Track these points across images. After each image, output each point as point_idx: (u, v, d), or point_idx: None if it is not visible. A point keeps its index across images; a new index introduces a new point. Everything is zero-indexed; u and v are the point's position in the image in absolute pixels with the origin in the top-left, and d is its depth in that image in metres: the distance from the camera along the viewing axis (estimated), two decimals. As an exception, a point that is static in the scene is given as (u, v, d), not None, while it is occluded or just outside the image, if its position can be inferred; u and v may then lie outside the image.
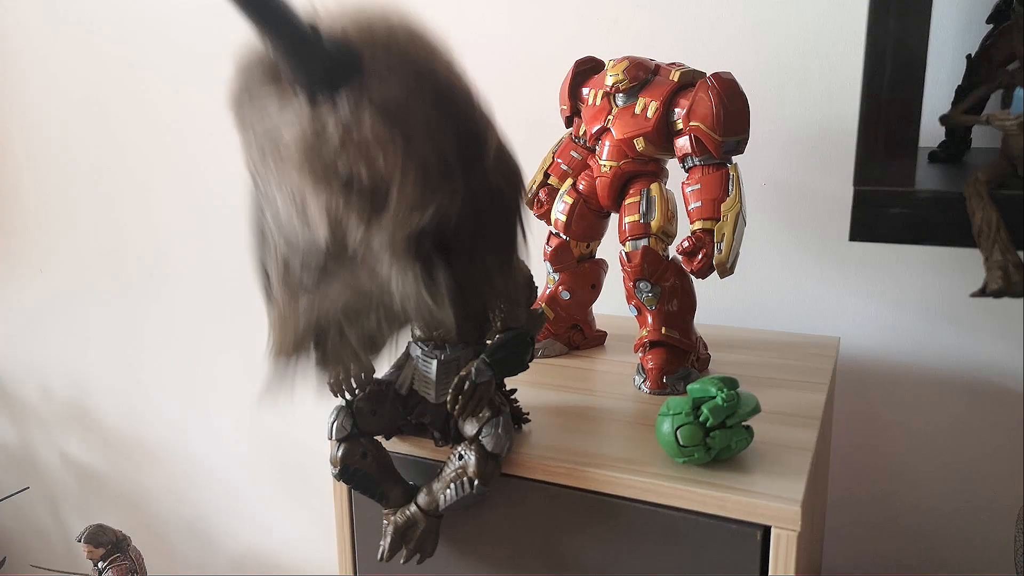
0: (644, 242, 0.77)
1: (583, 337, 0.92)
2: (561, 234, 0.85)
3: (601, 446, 0.68)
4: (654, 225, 0.76)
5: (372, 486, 0.68)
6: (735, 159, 0.75)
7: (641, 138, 0.77)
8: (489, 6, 1.11)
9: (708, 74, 0.74)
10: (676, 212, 0.78)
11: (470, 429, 0.64)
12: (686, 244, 0.73)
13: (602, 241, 0.89)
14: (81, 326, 1.66)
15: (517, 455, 0.67)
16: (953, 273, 0.93)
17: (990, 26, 0.74)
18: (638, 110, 0.77)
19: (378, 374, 0.70)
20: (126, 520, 1.75)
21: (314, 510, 1.50)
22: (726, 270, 0.71)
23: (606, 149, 0.80)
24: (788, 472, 0.62)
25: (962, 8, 0.86)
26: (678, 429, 0.61)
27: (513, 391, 0.73)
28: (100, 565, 1.36)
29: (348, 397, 0.67)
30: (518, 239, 0.62)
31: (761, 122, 0.97)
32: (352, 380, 0.66)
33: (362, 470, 0.67)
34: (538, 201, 0.89)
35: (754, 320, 1.04)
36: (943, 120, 0.67)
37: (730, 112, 0.72)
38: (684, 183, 0.75)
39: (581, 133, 0.86)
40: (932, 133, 0.73)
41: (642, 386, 0.79)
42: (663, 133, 0.77)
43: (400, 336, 0.64)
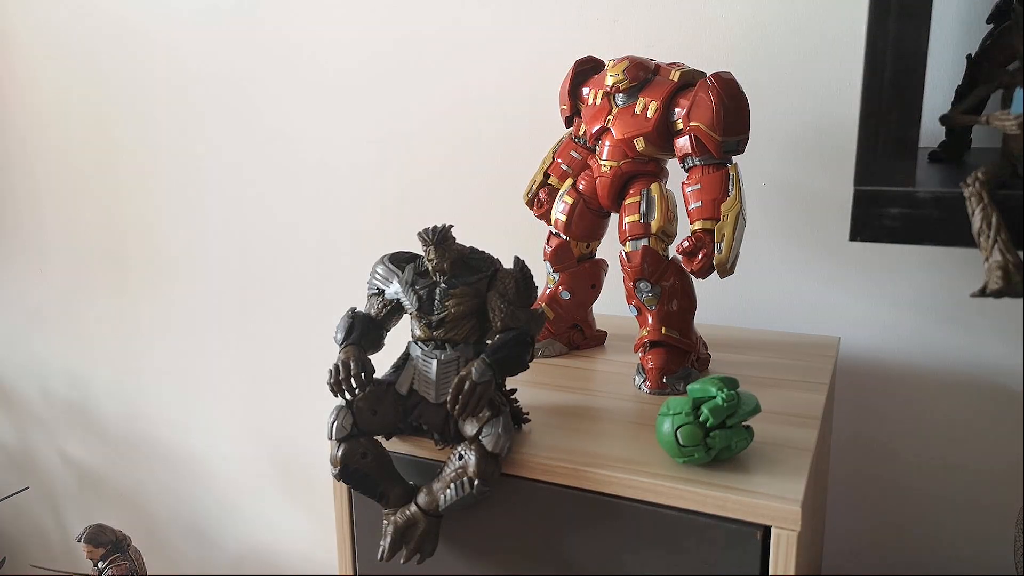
0: (644, 242, 0.77)
1: (583, 337, 0.92)
2: (561, 234, 0.85)
3: (601, 446, 0.68)
4: (654, 225, 0.76)
5: (372, 486, 0.68)
6: (735, 159, 0.75)
7: (641, 138, 0.77)
8: (489, 6, 1.11)
9: (708, 74, 0.74)
10: (676, 212, 0.78)
11: (470, 429, 0.64)
12: (686, 244, 0.73)
13: (602, 241, 0.89)
14: (81, 326, 1.66)
15: (517, 455, 0.67)
16: (953, 273, 0.93)
17: (990, 26, 0.74)
18: (638, 110, 0.77)
19: (378, 374, 0.70)
20: (126, 520, 1.75)
21: (314, 510, 1.50)
22: (726, 270, 0.71)
23: (606, 149, 0.80)
24: (788, 472, 0.62)
25: (962, 8, 0.86)
26: (678, 429, 0.61)
27: (513, 391, 0.73)
28: (100, 565, 1.36)
29: (348, 397, 0.67)
30: None
31: (761, 122, 0.97)
32: (352, 380, 0.66)
33: (362, 470, 0.67)
34: (538, 201, 0.89)
35: (754, 320, 1.04)
36: (943, 120, 0.67)
37: (730, 112, 0.72)
38: (684, 183, 0.75)
39: (581, 133, 0.86)
40: (932, 133, 0.73)
41: (642, 386, 0.79)
42: (663, 133, 0.77)
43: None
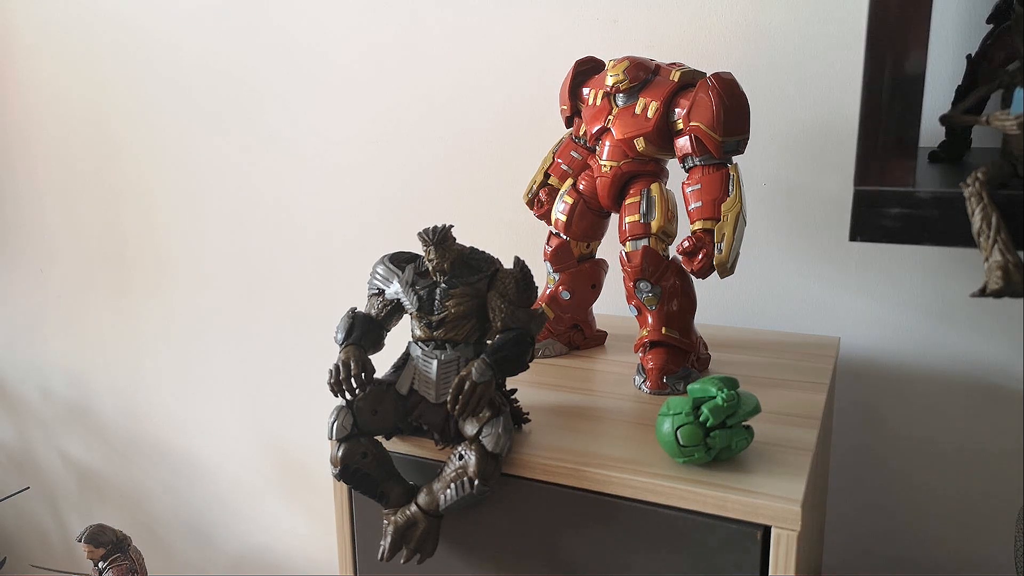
0: (644, 242, 0.77)
1: (583, 337, 0.92)
2: (561, 234, 0.85)
3: (601, 446, 0.68)
4: (654, 225, 0.76)
5: (372, 486, 0.68)
6: (735, 159, 0.75)
7: (641, 138, 0.77)
8: (489, 6, 1.11)
9: (708, 74, 0.74)
10: (676, 212, 0.78)
11: (470, 429, 0.64)
12: (686, 244, 0.73)
13: (602, 241, 0.89)
14: (81, 326, 1.66)
15: (517, 455, 0.67)
16: (953, 273, 0.93)
17: (990, 26, 0.74)
18: (638, 110, 0.77)
19: (378, 374, 0.70)
20: (126, 520, 1.75)
21: (314, 510, 1.50)
22: (726, 270, 0.71)
23: (606, 149, 0.80)
24: (788, 472, 0.62)
25: (962, 8, 0.86)
26: (678, 429, 0.61)
27: (513, 391, 0.73)
28: (100, 565, 1.36)
29: (348, 397, 0.67)
30: None
31: (761, 122, 0.97)
32: (352, 380, 0.66)
33: (362, 470, 0.67)
34: (538, 201, 0.89)
35: (754, 320, 1.04)
36: (943, 120, 0.67)
37: (730, 112, 0.72)
38: (684, 183, 0.75)
39: (581, 133, 0.86)
40: (932, 133, 0.73)
41: (642, 386, 0.79)
42: (663, 133, 0.77)
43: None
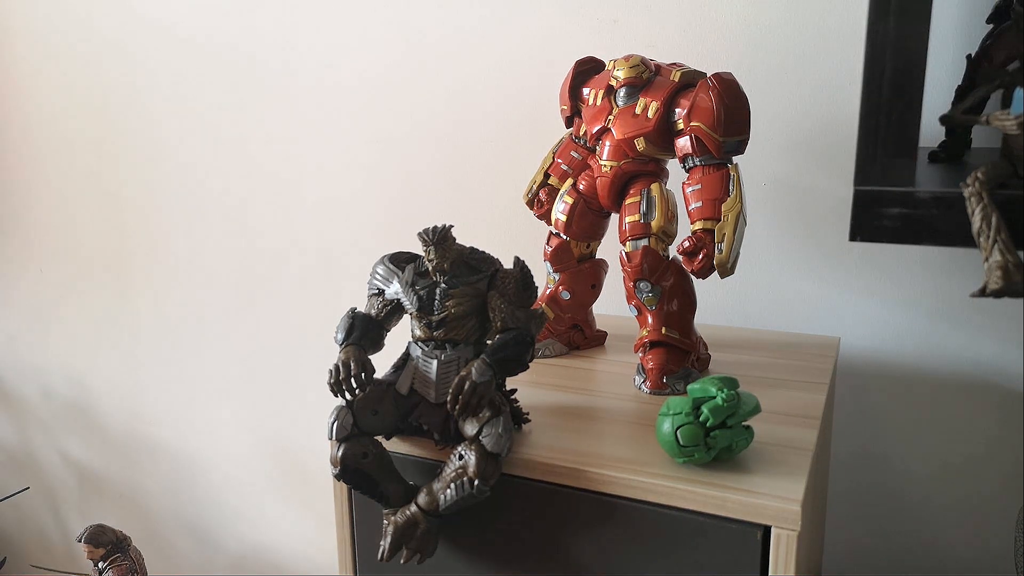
0: (644, 242, 0.77)
1: (583, 337, 0.92)
2: (561, 234, 0.86)
3: (601, 446, 0.68)
4: (654, 225, 0.76)
5: (372, 486, 0.68)
6: (736, 159, 0.75)
7: (642, 138, 0.77)
8: (489, 6, 1.11)
9: (709, 74, 0.74)
10: (676, 212, 0.78)
11: (470, 429, 0.64)
12: (686, 244, 0.73)
13: (602, 241, 0.89)
14: (81, 326, 1.66)
15: (517, 455, 0.67)
16: (953, 273, 0.93)
17: (990, 26, 0.74)
18: (639, 110, 0.77)
19: (378, 374, 0.70)
20: (126, 520, 1.75)
21: (314, 510, 1.50)
22: (726, 270, 0.71)
23: (606, 149, 0.80)
24: (788, 472, 0.62)
25: (962, 8, 0.86)
26: (678, 429, 0.61)
27: (513, 391, 0.73)
28: (100, 565, 1.36)
29: (348, 397, 0.67)
30: None
31: (761, 122, 0.97)
32: (352, 380, 0.66)
33: (362, 470, 0.67)
34: (538, 201, 0.89)
35: (754, 320, 1.04)
36: (943, 120, 0.67)
37: (731, 112, 0.72)
38: (685, 183, 0.75)
39: (581, 133, 0.86)
40: (932, 133, 0.73)
41: (642, 386, 0.79)
42: (664, 133, 0.77)
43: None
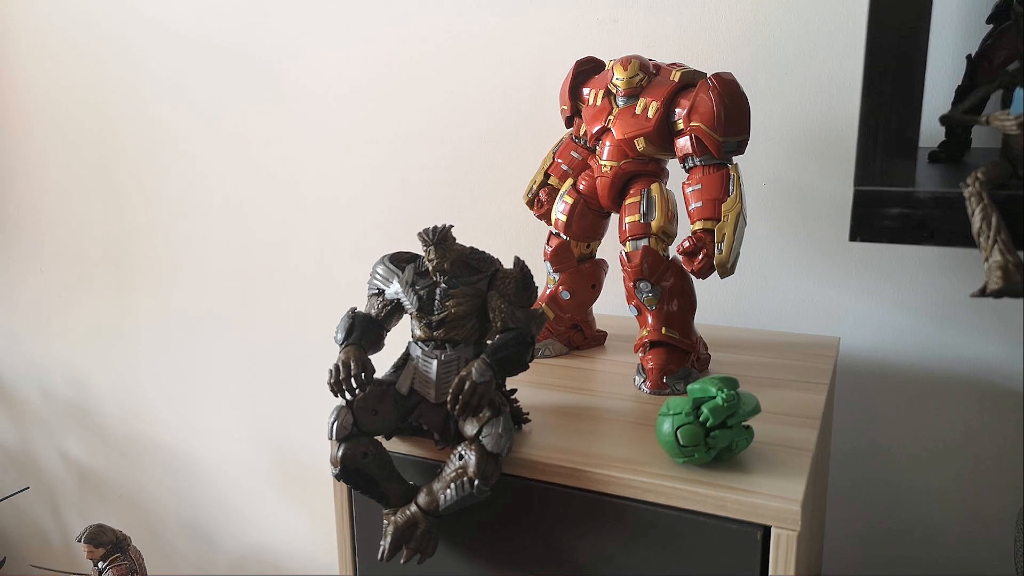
0: (644, 242, 0.77)
1: (583, 337, 0.92)
2: (561, 234, 0.85)
3: (601, 446, 0.68)
4: (654, 225, 0.76)
5: (372, 486, 0.68)
6: (736, 159, 0.75)
7: (642, 138, 0.77)
8: (489, 7, 1.11)
9: (709, 74, 0.74)
10: (676, 212, 0.78)
11: (470, 429, 0.64)
12: (687, 244, 0.73)
13: (602, 241, 0.89)
14: (81, 326, 1.66)
15: (517, 455, 0.67)
16: (953, 273, 0.93)
17: (990, 26, 0.74)
18: (639, 110, 0.77)
19: (378, 374, 0.70)
20: (126, 520, 1.75)
21: (314, 510, 1.50)
22: (726, 270, 0.71)
23: (607, 149, 0.80)
24: (788, 472, 0.62)
25: (962, 8, 0.86)
26: (678, 429, 0.61)
27: (513, 391, 0.73)
28: (100, 565, 1.36)
29: (348, 397, 0.67)
30: None
31: (761, 122, 0.97)
32: (352, 380, 0.66)
33: (362, 470, 0.67)
34: (538, 201, 0.89)
35: (754, 320, 1.04)
36: (943, 120, 0.67)
37: (731, 112, 0.72)
38: (685, 183, 0.75)
39: (581, 133, 0.86)
40: (932, 133, 0.73)
41: (642, 386, 0.79)
42: (664, 133, 0.77)
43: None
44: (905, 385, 0.98)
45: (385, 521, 0.68)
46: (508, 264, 0.71)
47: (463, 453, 0.65)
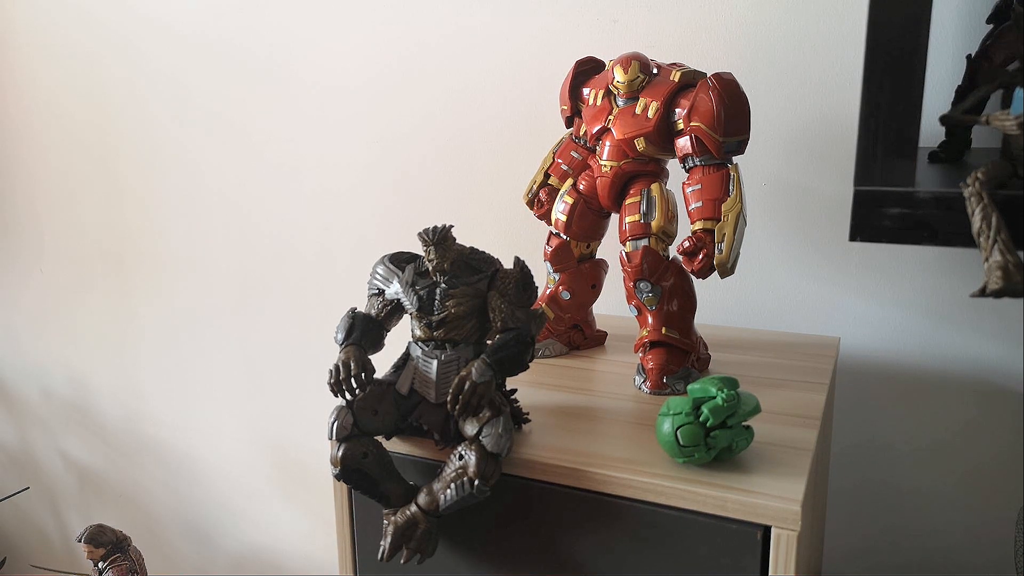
0: (644, 242, 0.77)
1: (583, 337, 0.92)
2: (561, 234, 0.85)
3: (601, 446, 0.68)
4: (654, 225, 0.76)
5: (372, 486, 0.68)
6: (736, 159, 0.75)
7: (642, 138, 0.77)
8: (489, 6, 1.11)
9: (709, 74, 0.74)
10: (676, 212, 0.78)
11: (470, 429, 0.64)
12: (687, 244, 0.73)
13: (602, 241, 0.89)
14: (81, 326, 1.66)
15: (517, 455, 0.67)
16: (953, 273, 0.93)
17: (990, 26, 0.74)
18: (639, 110, 0.77)
19: (378, 374, 0.70)
20: (126, 520, 1.75)
21: (314, 510, 1.50)
22: (727, 270, 0.71)
23: (607, 149, 0.80)
24: (788, 472, 0.62)
25: (962, 8, 0.86)
26: (678, 429, 0.61)
27: (513, 391, 0.73)
28: (100, 565, 1.36)
29: (348, 397, 0.67)
30: None
31: (761, 122, 0.97)
32: (352, 380, 0.66)
33: (362, 470, 0.67)
34: (538, 201, 0.89)
35: (754, 320, 1.04)
36: (943, 120, 0.67)
37: (731, 112, 0.72)
38: (685, 183, 0.75)
39: (582, 133, 0.86)
40: (932, 133, 0.73)
41: (642, 386, 0.79)
42: (664, 133, 0.77)
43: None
44: (905, 385, 0.98)
45: (385, 521, 0.68)
46: (508, 264, 0.71)
47: (463, 453, 0.65)
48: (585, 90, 0.83)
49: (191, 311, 1.51)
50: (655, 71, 0.79)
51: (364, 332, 0.70)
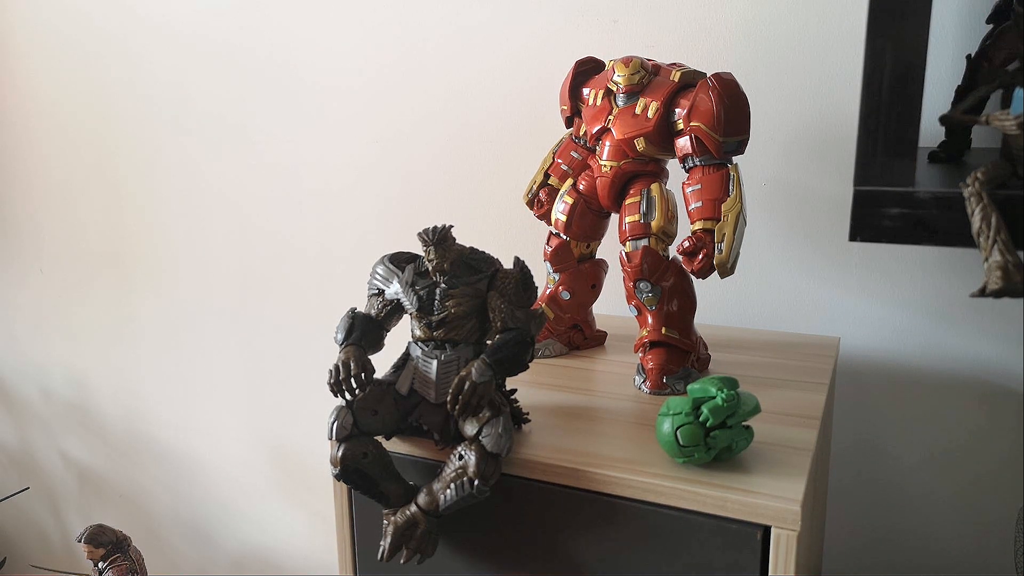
0: (644, 242, 0.77)
1: (583, 337, 0.92)
2: (561, 234, 0.85)
3: (601, 446, 0.68)
4: (654, 225, 0.76)
5: (372, 486, 0.68)
6: (736, 159, 0.75)
7: (642, 138, 0.77)
8: (489, 6, 1.11)
9: (709, 74, 0.74)
10: (676, 212, 0.78)
11: (470, 429, 0.64)
12: (686, 244, 0.73)
13: (602, 241, 0.89)
14: (81, 326, 1.66)
15: (517, 455, 0.67)
16: (953, 273, 0.93)
17: (990, 26, 0.74)
18: (639, 110, 0.77)
19: (378, 374, 0.70)
20: (126, 520, 1.75)
21: (314, 510, 1.50)
22: (726, 270, 0.71)
23: (606, 149, 0.80)
24: (788, 472, 0.62)
25: (962, 8, 0.86)
26: (678, 429, 0.61)
27: (513, 391, 0.73)
28: (100, 565, 1.36)
29: (348, 397, 0.67)
30: None
31: (761, 122, 0.97)
32: (352, 380, 0.66)
33: (362, 470, 0.67)
34: (538, 201, 0.89)
35: (754, 320, 1.04)
36: (943, 120, 0.67)
37: (731, 112, 0.72)
38: (685, 183, 0.75)
39: (581, 133, 0.86)
40: (932, 133, 0.73)
41: (642, 386, 0.79)
42: (664, 133, 0.77)
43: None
44: (905, 385, 0.98)
45: (385, 521, 0.68)
46: (508, 264, 0.71)
47: (463, 453, 0.65)
48: (585, 90, 0.83)
49: (191, 311, 1.51)
50: (655, 71, 0.79)
51: (364, 332, 0.70)
